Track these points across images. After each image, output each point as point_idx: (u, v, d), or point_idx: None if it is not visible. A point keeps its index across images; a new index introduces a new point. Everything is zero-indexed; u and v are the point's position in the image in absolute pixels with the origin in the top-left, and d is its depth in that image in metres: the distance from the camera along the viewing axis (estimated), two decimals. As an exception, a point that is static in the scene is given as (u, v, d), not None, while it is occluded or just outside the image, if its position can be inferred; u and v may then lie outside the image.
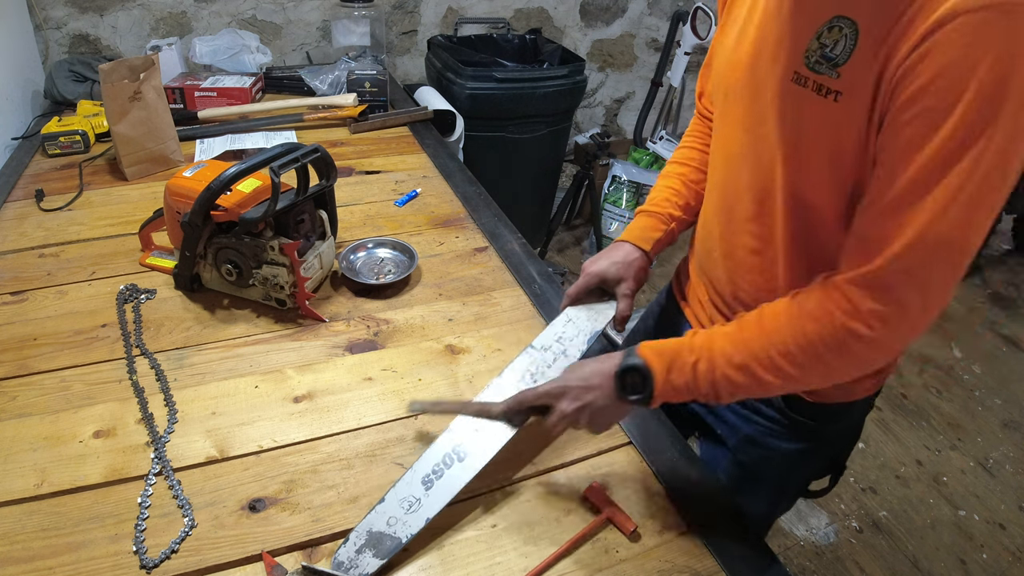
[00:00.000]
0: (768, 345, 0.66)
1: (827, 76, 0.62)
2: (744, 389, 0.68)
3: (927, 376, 2.36)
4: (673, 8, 3.02)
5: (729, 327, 0.70)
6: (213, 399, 0.89)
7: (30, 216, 1.31)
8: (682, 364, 0.69)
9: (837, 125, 0.63)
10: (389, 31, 2.63)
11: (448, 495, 0.73)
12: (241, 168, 0.95)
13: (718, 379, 0.68)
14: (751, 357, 0.66)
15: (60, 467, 0.79)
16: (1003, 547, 1.78)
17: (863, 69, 0.59)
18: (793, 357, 0.64)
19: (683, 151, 1.00)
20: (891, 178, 0.58)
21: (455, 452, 0.77)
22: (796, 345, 0.64)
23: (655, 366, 0.70)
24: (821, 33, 0.63)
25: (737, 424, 0.90)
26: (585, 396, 0.72)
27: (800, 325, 0.64)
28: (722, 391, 0.68)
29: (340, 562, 0.68)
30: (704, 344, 0.69)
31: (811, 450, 0.87)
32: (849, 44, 0.60)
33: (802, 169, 0.69)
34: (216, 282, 1.08)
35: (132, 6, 2.22)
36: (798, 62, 0.65)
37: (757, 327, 0.68)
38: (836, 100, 0.62)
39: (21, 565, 0.68)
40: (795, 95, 0.66)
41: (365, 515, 0.72)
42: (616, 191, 2.81)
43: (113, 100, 1.39)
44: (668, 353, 0.70)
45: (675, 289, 1.03)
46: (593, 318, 0.91)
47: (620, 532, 0.74)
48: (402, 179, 1.53)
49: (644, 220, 0.96)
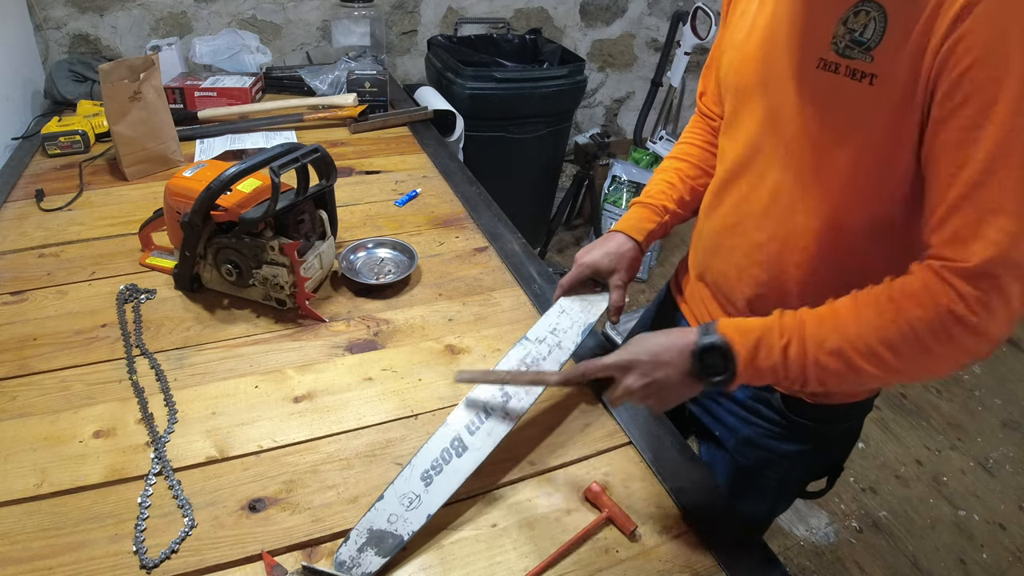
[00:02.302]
0: (866, 331, 0.63)
1: (860, 60, 0.62)
2: (837, 377, 0.64)
3: (927, 376, 2.36)
4: (673, 8, 3.02)
5: (820, 309, 0.66)
6: (213, 399, 0.89)
7: (30, 216, 1.31)
8: (770, 345, 0.65)
9: (871, 108, 0.63)
10: (389, 31, 2.63)
11: (448, 490, 0.73)
12: (241, 168, 0.95)
13: (809, 364, 0.64)
14: (846, 343, 0.63)
15: (60, 467, 0.79)
16: (1003, 547, 1.78)
17: (896, 51, 0.59)
18: (893, 344, 0.62)
19: (681, 147, 1.00)
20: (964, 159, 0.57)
21: (453, 447, 0.77)
22: (898, 331, 0.61)
23: (738, 346, 0.66)
24: (847, 18, 0.63)
25: (736, 426, 0.90)
26: (655, 372, 0.69)
27: (902, 310, 0.62)
28: (811, 377, 0.65)
29: (342, 561, 0.68)
30: (794, 325, 0.66)
31: (810, 451, 0.87)
32: (879, 27, 0.61)
33: (828, 157, 0.68)
34: (216, 282, 1.08)
35: (132, 6, 2.22)
36: (824, 49, 0.65)
37: (853, 312, 0.64)
38: (872, 83, 0.62)
39: (21, 565, 0.68)
40: (824, 82, 0.66)
41: (365, 513, 0.72)
42: (616, 191, 2.81)
43: (113, 100, 1.39)
44: (754, 332, 0.66)
45: (673, 287, 1.03)
46: (587, 309, 0.91)
47: (620, 532, 0.74)
48: (402, 179, 1.53)
49: (638, 211, 0.96)
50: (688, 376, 0.69)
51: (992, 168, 0.56)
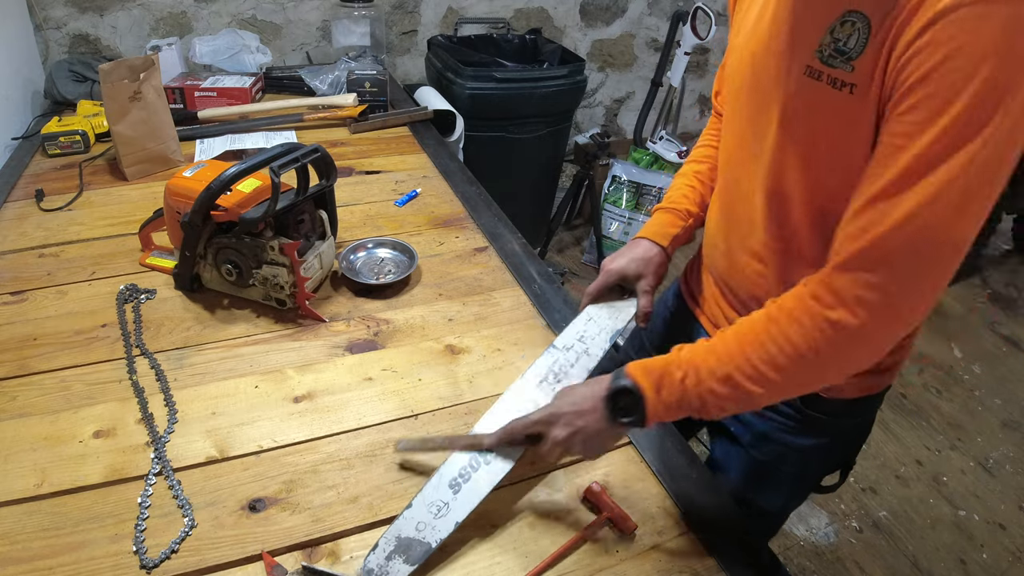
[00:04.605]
0: (749, 353, 0.64)
1: (842, 70, 0.62)
2: (731, 402, 0.66)
3: (927, 376, 2.36)
4: (673, 8, 3.02)
5: (712, 340, 0.69)
6: (213, 399, 0.89)
7: (30, 216, 1.31)
8: (671, 380, 0.68)
9: (851, 118, 0.63)
10: (389, 31, 2.63)
11: (476, 498, 0.72)
12: (241, 168, 0.95)
13: (704, 393, 0.66)
14: (734, 368, 0.65)
15: (60, 467, 0.79)
16: (1003, 547, 1.78)
17: (874, 61, 0.60)
18: (775, 361, 0.63)
19: (700, 150, 1.01)
20: (885, 166, 0.58)
21: (482, 455, 0.76)
22: (776, 348, 0.63)
23: (644, 385, 0.68)
24: (834, 28, 0.63)
25: (751, 421, 0.90)
26: (576, 422, 0.71)
27: (778, 327, 0.63)
28: (710, 406, 0.67)
29: (370, 569, 0.67)
30: (689, 358, 0.68)
31: (825, 445, 0.87)
32: (862, 38, 0.61)
33: (813, 164, 0.69)
34: (216, 282, 1.08)
35: (132, 6, 2.22)
36: (810, 56, 0.66)
37: (735, 337, 0.66)
38: (852, 92, 0.62)
39: (21, 565, 0.68)
40: (809, 89, 0.66)
41: (393, 520, 0.71)
42: (616, 191, 2.80)
43: (113, 100, 1.39)
44: (656, 371, 0.69)
45: (684, 292, 1.03)
46: (614, 316, 0.91)
47: (620, 532, 0.74)
48: (402, 179, 1.53)
49: (662, 216, 0.96)
50: (607, 421, 0.70)
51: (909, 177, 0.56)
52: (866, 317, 0.59)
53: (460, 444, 0.78)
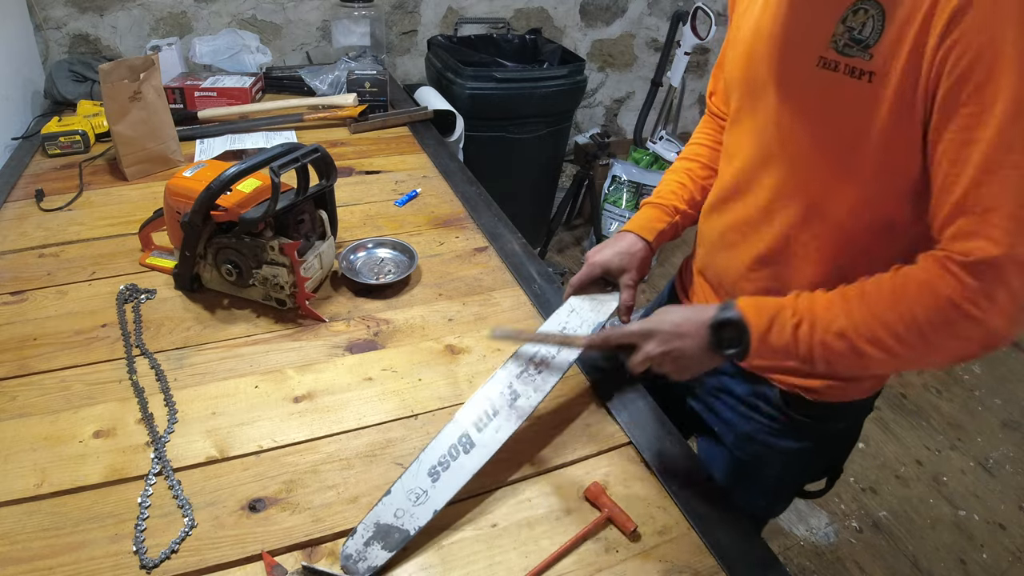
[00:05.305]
0: (870, 317, 0.64)
1: (859, 58, 0.63)
2: (842, 358, 0.66)
3: (927, 376, 2.36)
4: (673, 8, 3.02)
5: (831, 294, 0.68)
6: (213, 399, 0.89)
7: (30, 216, 1.31)
8: (782, 324, 0.67)
9: (869, 106, 0.63)
10: (389, 31, 2.63)
11: (455, 487, 0.73)
12: (241, 168, 0.95)
13: (816, 344, 0.66)
14: (852, 326, 0.65)
15: (60, 467, 0.79)
16: (1003, 547, 1.78)
17: (894, 49, 0.60)
18: (896, 331, 0.63)
19: (692, 147, 1.01)
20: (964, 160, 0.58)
21: (461, 443, 0.77)
22: (899, 318, 0.63)
23: (753, 322, 0.68)
24: (846, 17, 0.64)
25: (734, 421, 0.90)
26: (674, 341, 0.72)
27: (905, 298, 0.63)
28: (818, 358, 0.67)
29: (348, 554, 0.68)
30: (808, 306, 0.67)
31: (809, 450, 0.87)
32: (878, 25, 0.61)
33: (829, 154, 0.69)
34: (216, 282, 1.08)
35: (132, 6, 2.22)
36: (823, 47, 0.66)
37: (859, 298, 0.66)
38: (871, 81, 0.62)
39: (21, 565, 0.68)
40: (824, 80, 0.66)
41: (371, 507, 0.72)
42: (616, 191, 2.80)
43: (113, 100, 1.39)
44: (768, 310, 0.69)
45: (679, 289, 1.03)
46: (596, 308, 0.91)
47: (620, 532, 0.74)
48: (402, 179, 1.53)
49: (649, 211, 0.96)
50: (706, 348, 0.72)
51: (992, 168, 0.56)
52: (990, 309, 0.59)
53: (554, 339, 0.82)
